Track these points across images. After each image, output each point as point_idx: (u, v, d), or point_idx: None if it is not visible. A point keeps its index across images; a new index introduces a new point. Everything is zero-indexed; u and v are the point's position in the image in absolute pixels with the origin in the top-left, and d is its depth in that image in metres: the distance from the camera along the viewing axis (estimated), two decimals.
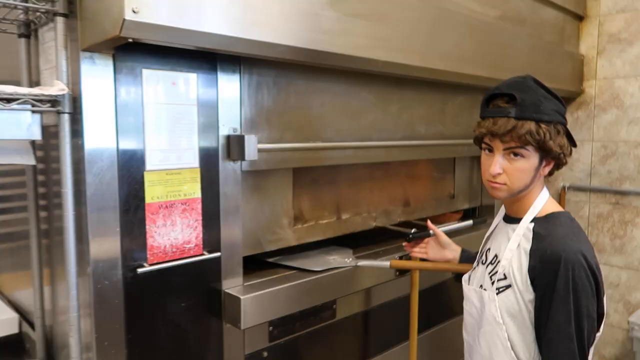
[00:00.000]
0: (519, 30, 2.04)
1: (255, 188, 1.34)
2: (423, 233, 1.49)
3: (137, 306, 1.11)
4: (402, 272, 1.62)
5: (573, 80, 2.40)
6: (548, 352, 1.03)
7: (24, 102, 0.95)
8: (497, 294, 1.09)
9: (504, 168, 1.07)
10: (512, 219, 1.15)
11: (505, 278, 1.09)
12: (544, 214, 1.11)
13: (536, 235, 1.08)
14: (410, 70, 1.51)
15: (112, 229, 1.06)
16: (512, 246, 1.09)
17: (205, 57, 1.16)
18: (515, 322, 1.08)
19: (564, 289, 1.00)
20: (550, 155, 1.08)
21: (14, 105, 0.94)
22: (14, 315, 1.47)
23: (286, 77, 1.35)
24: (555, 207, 1.14)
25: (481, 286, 1.15)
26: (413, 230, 1.52)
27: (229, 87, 1.23)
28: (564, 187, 2.55)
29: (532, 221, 1.11)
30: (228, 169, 1.24)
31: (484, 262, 1.19)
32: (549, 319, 1.01)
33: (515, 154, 1.06)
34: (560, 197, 2.55)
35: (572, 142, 1.12)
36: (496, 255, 1.14)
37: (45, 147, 1.25)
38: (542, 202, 1.13)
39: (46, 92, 0.97)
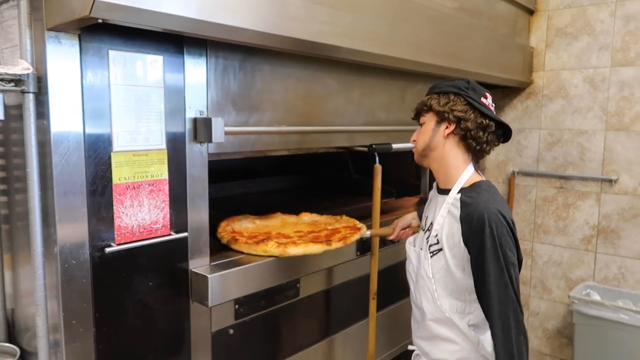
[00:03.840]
0: (476, 23, 2.14)
1: None
2: (385, 146, 1.71)
3: (105, 285, 1.12)
4: (363, 251, 1.69)
5: (523, 71, 2.53)
6: (489, 299, 1.18)
7: None
8: (431, 256, 1.27)
9: (416, 134, 1.35)
10: (442, 190, 1.32)
11: (437, 243, 1.27)
12: (468, 185, 1.27)
13: (463, 203, 1.24)
14: (372, 58, 1.56)
15: (79, 210, 1.06)
16: (442, 213, 1.27)
17: (172, 39, 1.17)
18: (442, 280, 1.26)
19: (492, 246, 1.16)
20: (443, 118, 1.26)
21: None
22: None
23: (252, 61, 1.37)
24: (478, 178, 1.30)
25: (421, 249, 1.33)
26: (373, 145, 1.71)
27: (196, 70, 1.24)
28: (513, 172, 2.69)
29: (459, 192, 1.26)
30: (195, 151, 1.26)
31: (423, 228, 1.37)
32: (486, 273, 1.18)
33: (421, 124, 1.33)
34: (510, 182, 2.70)
35: (475, 108, 1.25)
36: (431, 223, 1.31)
37: (4, 129, 1.22)
38: (467, 176, 1.29)
39: (10, 71, 0.96)
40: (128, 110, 1.12)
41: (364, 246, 1.70)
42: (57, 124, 1.01)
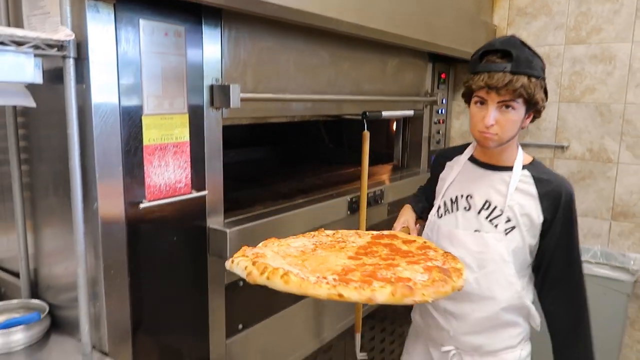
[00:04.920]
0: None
1: None
2: (376, 113, 1.81)
3: (138, 239, 1.22)
4: (354, 210, 1.85)
5: None
6: (574, 268, 1.23)
7: (34, 46, 1.00)
8: (505, 235, 1.22)
9: (496, 119, 1.17)
10: (497, 167, 1.27)
11: (509, 220, 1.23)
12: (528, 162, 1.27)
13: (538, 180, 1.23)
14: (346, 27, 1.60)
15: (115, 168, 1.15)
16: (510, 191, 1.22)
17: (192, 11, 1.25)
18: (516, 259, 1.23)
19: (575, 219, 1.23)
20: (534, 108, 1.20)
21: (24, 49, 0.99)
22: None
23: (259, 33, 1.47)
24: (529, 155, 1.31)
25: (477, 231, 1.25)
26: (366, 112, 1.79)
27: (212, 40, 1.33)
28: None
29: (523, 168, 1.24)
30: (211, 117, 1.36)
31: (467, 208, 1.28)
32: (572, 244, 1.22)
33: (507, 107, 1.16)
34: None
35: (546, 95, 1.25)
36: (487, 201, 1.25)
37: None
38: (521, 152, 1.28)
39: (54, 37, 1.02)
40: (155, 76, 1.20)
41: (354, 206, 1.86)
42: (97, 88, 1.09)
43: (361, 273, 0.96)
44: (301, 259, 1.06)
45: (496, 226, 1.21)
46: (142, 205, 1.20)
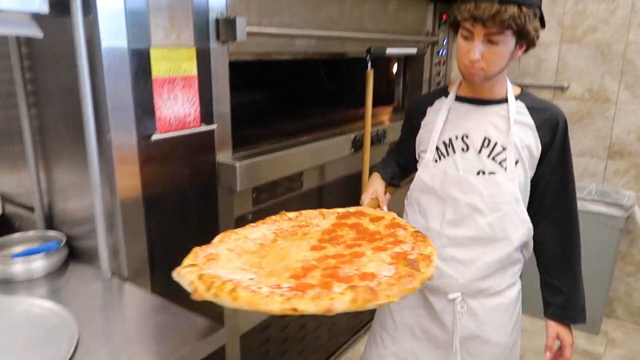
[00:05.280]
0: None
1: None
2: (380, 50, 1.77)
3: (150, 171, 1.25)
4: (357, 148, 1.89)
5: None
6: (571, 199, 1.23)
7: None
8: (512, 172, 1.16)
9: (482, 54, 1.08)
10: (488, 101, 1.19)
11: (512, 156, 1.16)
12: (518, 93, 1.20)
13: (533, 109, 1.17)
14: None
15: (126, 101, 1.16)
16: (512, 124, 1.15)
17: None
18: (523, 194, 1.20)
19: (569, 147, 1.20)
20: (526, 39, 1.10)
21: None
22: None
23: None
24: (517, 87, 1.23)
25: (481, 172, 1.17)
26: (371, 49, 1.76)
27: None
28: None
29: (515, 99, 1.18)
30: (217, 51, 1.36)
31: (465, 149, 1.19)
32: (569, 173, 1.20)
33: (494, 40, 1.06)
34: None
35: (543, 24, 1.14)
36: (486, 139, 1.17)
37: (32, 41, 1.25)
38: (510, 83, 1.20)
39: None
40: (162, 8, 1.19)
41: (357, 143, 1.89)
42: (104, 20, 1.08)
43: (322, 272, 0.88)
44: (259, 255, 0.98)
45: (500, 163, 1.16)
46: (153, 137, 1.22)
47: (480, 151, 1.18)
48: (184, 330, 1.01)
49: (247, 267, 0.93)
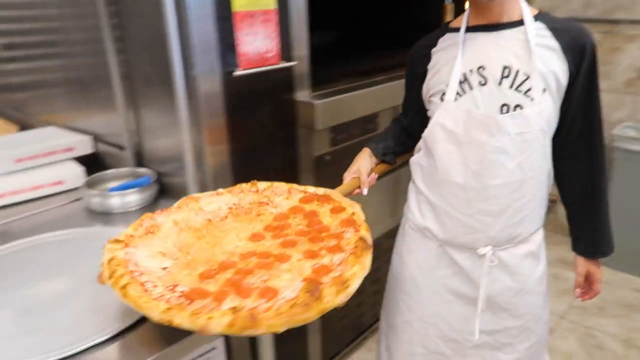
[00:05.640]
0: None
1: None
2: None
3: (233, 107, 1.26)
4: None
5: None
6: (597, 125, 1.11)
7: None
8: (539, 103, 1.04)
9: None
10: (502, 25, 1.06)
11: (538, 84, 1.04)
12: (535, 13, 1.07)
13: (555, 30, 1.04)
14: None
15: (210, 36, 1.17)
16: (533, 47, 1.03)
17: None
18: (551, 126, 1.09)
19: (598, 73, 1.07)
20: None
21: None
22: (88, 137, 1.60)
23: None
24: (533, 7, 1.10)
25: (505, 107, 1.05)
26: None
27: None
28: None
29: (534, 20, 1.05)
30: None
31: (482, 82, 1.06)
32: (596, 99, 1.09)
33: None
34: None
35: None
36: (506, 67, 1.05)
37: None
38: (525, 1, 1.07)
39: None
40: None
41: None
42: None
43: (233, 274, 0.83)
44: (197, 235, 0.96)
45: (526, 94, 1.03)
46: (235, 73, 1.23)
47: (500, 82, 1.05)
48: None
49: (175, 250, 0.90)
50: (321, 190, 1.09)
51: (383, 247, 2.02)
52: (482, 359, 1.26)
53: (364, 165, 1.24)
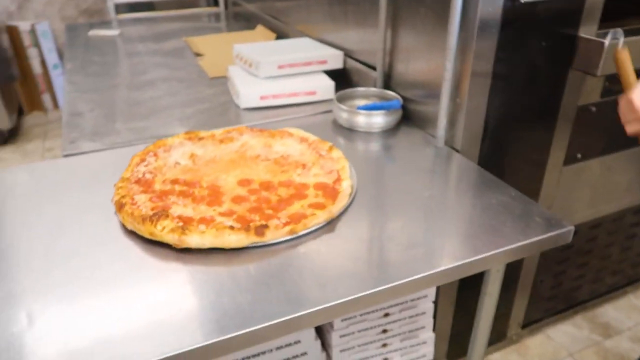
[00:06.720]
0: None
1: None
2: None
3: (505, 39, 1.13)
4: None
5: None
6: None
7: None
8: None
9: None
10: None
11: None
12: None
13: None
14: None
15: None
16: None
17: None
18: None
19: None
20: None
21: None
22: (340, 52, 1.64)
23: None
24: None
25: None
26: None
27: None
28: None
29: None
30: None
31: None
32: None
33: None
34: None
35: None
36: None
37: None
38: None
39: None
40: None
41: None
42: None
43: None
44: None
45: None
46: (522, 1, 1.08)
47: None
48: (524, 216, 0.94)
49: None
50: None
51: (626, 222, 1.74)
52: None
53: None
